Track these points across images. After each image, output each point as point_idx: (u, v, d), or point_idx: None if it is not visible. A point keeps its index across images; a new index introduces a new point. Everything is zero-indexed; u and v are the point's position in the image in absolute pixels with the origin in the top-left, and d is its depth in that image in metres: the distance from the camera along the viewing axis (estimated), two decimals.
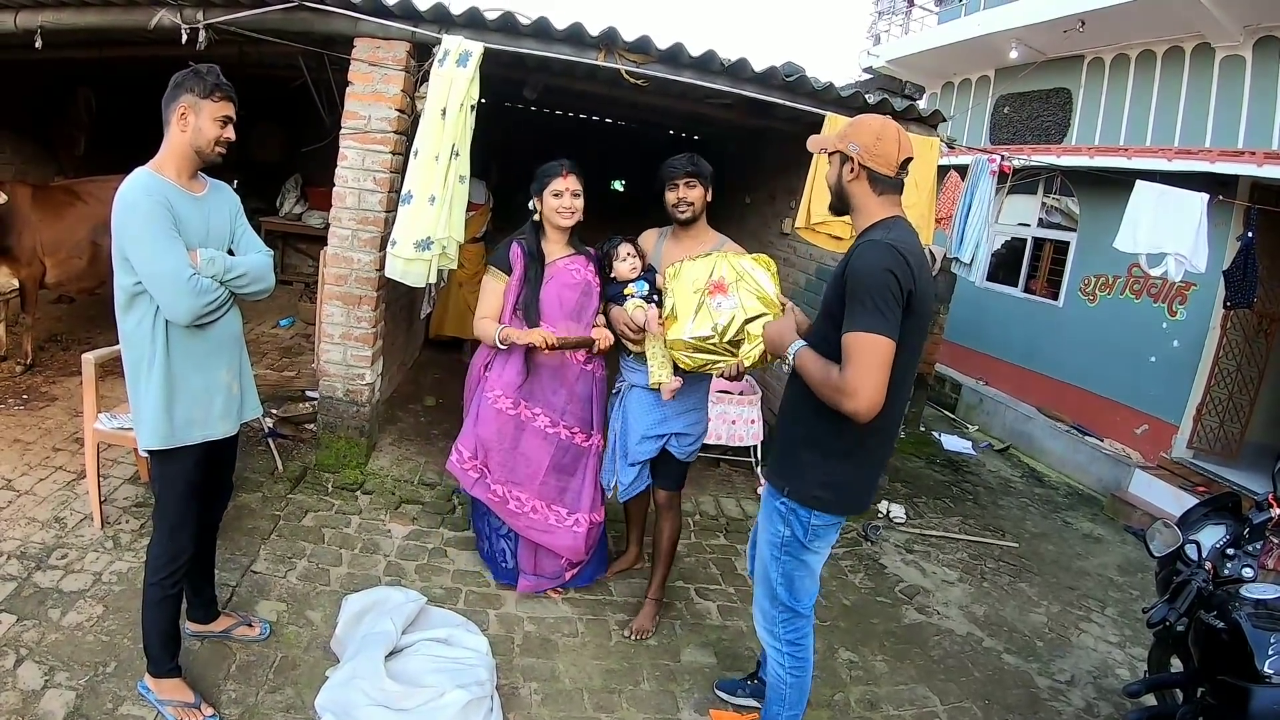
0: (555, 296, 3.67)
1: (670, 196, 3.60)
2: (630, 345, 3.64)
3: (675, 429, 3.70)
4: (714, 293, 3.23)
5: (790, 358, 2.57)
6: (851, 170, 2.55)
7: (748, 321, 3.17)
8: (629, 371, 3.78)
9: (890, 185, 2.57)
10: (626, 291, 3.59)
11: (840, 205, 2.68)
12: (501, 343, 3.56)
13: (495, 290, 3.67)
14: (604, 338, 3.64)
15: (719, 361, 3.27)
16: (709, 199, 3.64)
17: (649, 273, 3.65)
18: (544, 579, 4.01)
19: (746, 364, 3.24)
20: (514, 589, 4.02)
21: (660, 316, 3.44)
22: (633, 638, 3.83)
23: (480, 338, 3.73)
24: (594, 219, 3.88)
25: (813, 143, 2.84)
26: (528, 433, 3.78)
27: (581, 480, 3.90)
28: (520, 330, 3.56)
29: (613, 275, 3.68)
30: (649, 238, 3.85)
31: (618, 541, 4.60)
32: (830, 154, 2.65)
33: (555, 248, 3.73)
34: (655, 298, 3.56)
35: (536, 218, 3.69)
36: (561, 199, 3.59)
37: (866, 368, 2.30)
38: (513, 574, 4.03)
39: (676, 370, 3.50)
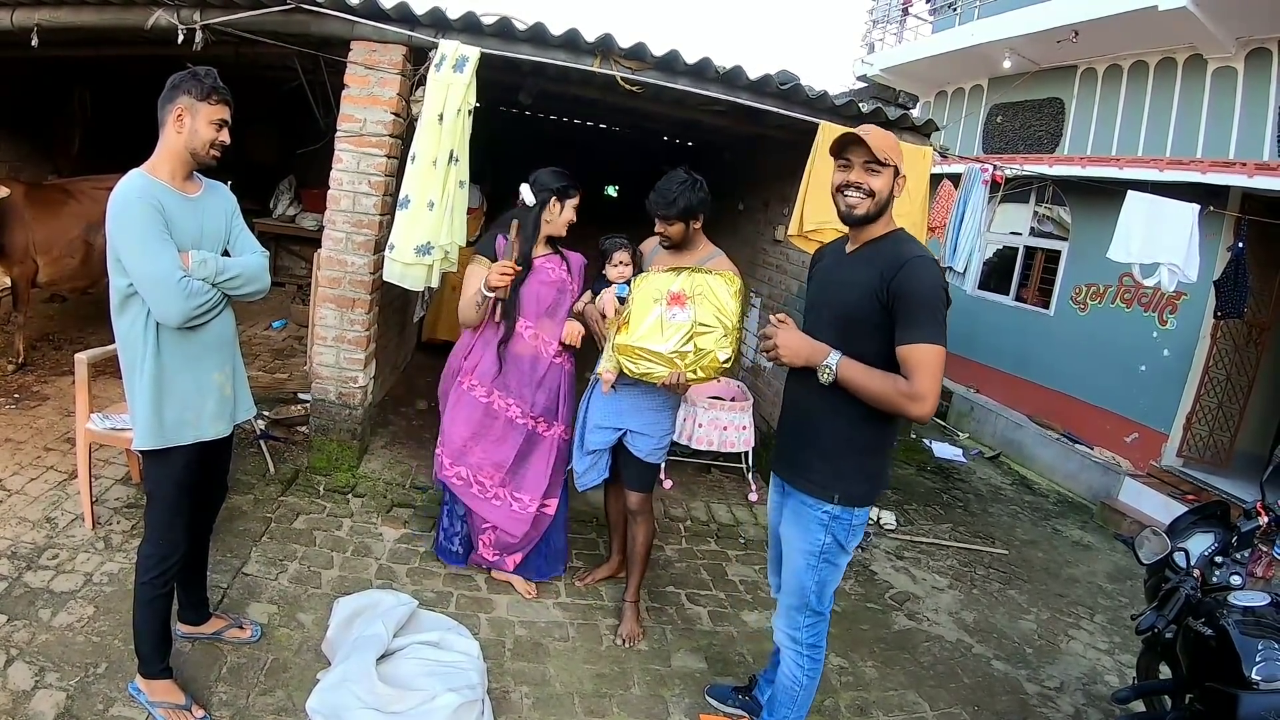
0: (534, 294, 3.76)
1: (655, 224, 3.69)
2: (597, 339, 3.77)
3: (629, 425, 3.76)
4: (671, 304, 3.34)
5: (832, 368, 2.53)
6: (899, 187, 2.63)
7: (698, 335, 3.28)
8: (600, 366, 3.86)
9: None
10: (605, 291, 3.69)
11: (876, 217, 2.64)
12: (487, 288, 3.56)
13: (479, 276, 3.71)
14: (574, 334, 3.80)
15: (661, 371, 3.36)
16: (697, 227, 3.70)
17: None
18: (485, 560, 4.13)
19: (689, 377, 3.36)
20: (461, 567, 4.22)
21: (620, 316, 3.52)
22: (626, 644, 3.83)
23: (463, 318, 3.78)
24: (587, 224, 3.91)
25: (881, 148, 2.56)
26: (499, 421, 3.85)
27: (534, 465, 3.96)
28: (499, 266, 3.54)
29: (604, 273, 3.77)
30: (648, 244, 3.91)
31: (589, 545, 4.60)
32: (888, 166, 2.59)
33: (539, 246, 3.84)
34: None
35: (546, 218, 3.76)
36: (573, 216, 3.78)
37: (934, 376, 2.42)
38: (461, 557, 4.21)
39: (624, 375, 3.57)
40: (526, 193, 3.73)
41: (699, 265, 3.57)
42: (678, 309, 3.32)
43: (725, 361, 3.32)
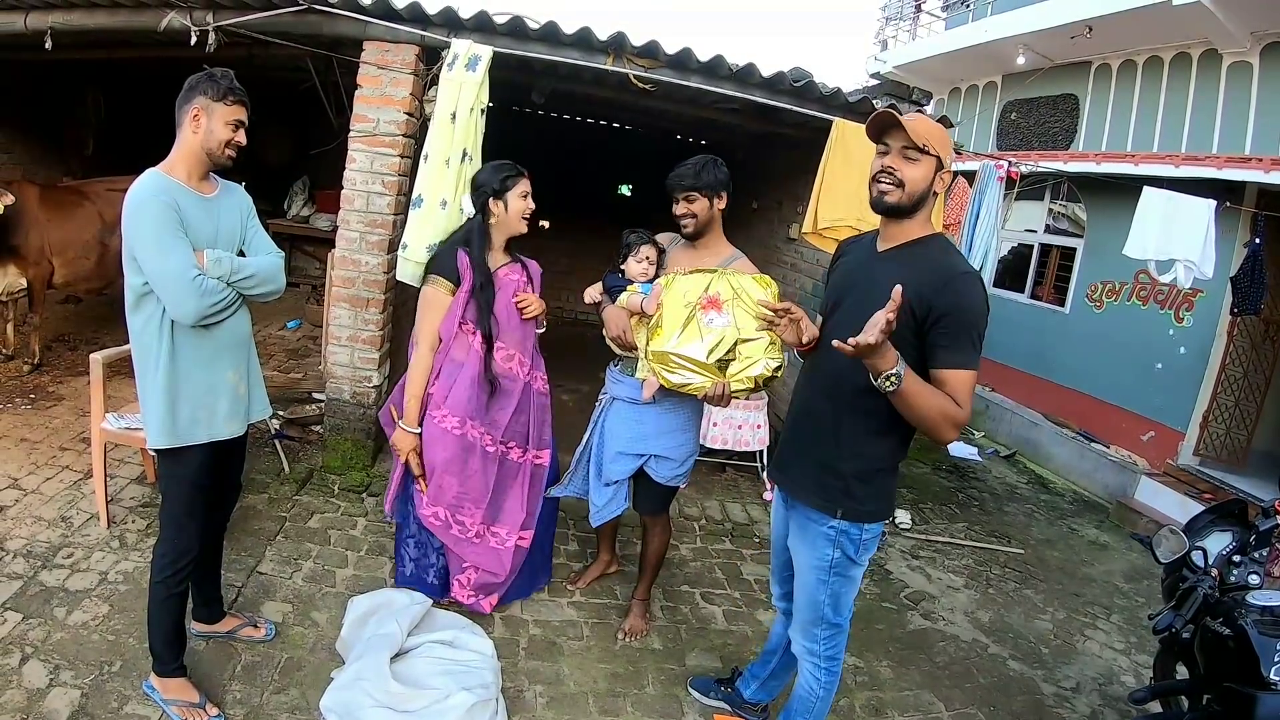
0: (505, 308, 3.47)
1: (675, 208, 3.41)
2: (616, 349, 3.50)
3: (654, 450, 3.52)
4: (707, 308, 3.06)
5: (896, 379, 2.19)
6: (941, 182, 2.43)
7: (742, 342, 3.01)
8: (614, 383, 3.62)
9: None
10: (630, 289, 3.41)
11: (910, 211, 2.44)
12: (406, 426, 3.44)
13: (442, 304, 3.41)
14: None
15: (702, 382, 3.07)
16: (721, 209, 3.41)
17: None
18: (460, 600, 3.72)
19: (735, 388, 3.06)
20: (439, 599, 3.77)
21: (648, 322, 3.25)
22: (626, 639, 3.81)
23: (412, 377, 3.46)
24: (605, 224, 3.85)
25: (917, 131, 2.36)
26: (475, 454, 3.49)
27: (511, 496, 3.67)
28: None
29: (621, 267, 3.52)
30: (662, 238, 3.65)
31: (585, 546, 4.59)
32: (926, 155, 2.38)
33: (497, 256, 3.52)
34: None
35: (492, 221, 3.47)
36: (528, 200, 3.45)
37: (970, 402, 2.29)
38: (438, 589, 3.77)
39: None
40: (467, 203, 3.48)
41: (722, 267, 3.28)
42: (714, 313, 3.04)
43: (777, 370, 3.03)
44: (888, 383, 2.19)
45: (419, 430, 3.44)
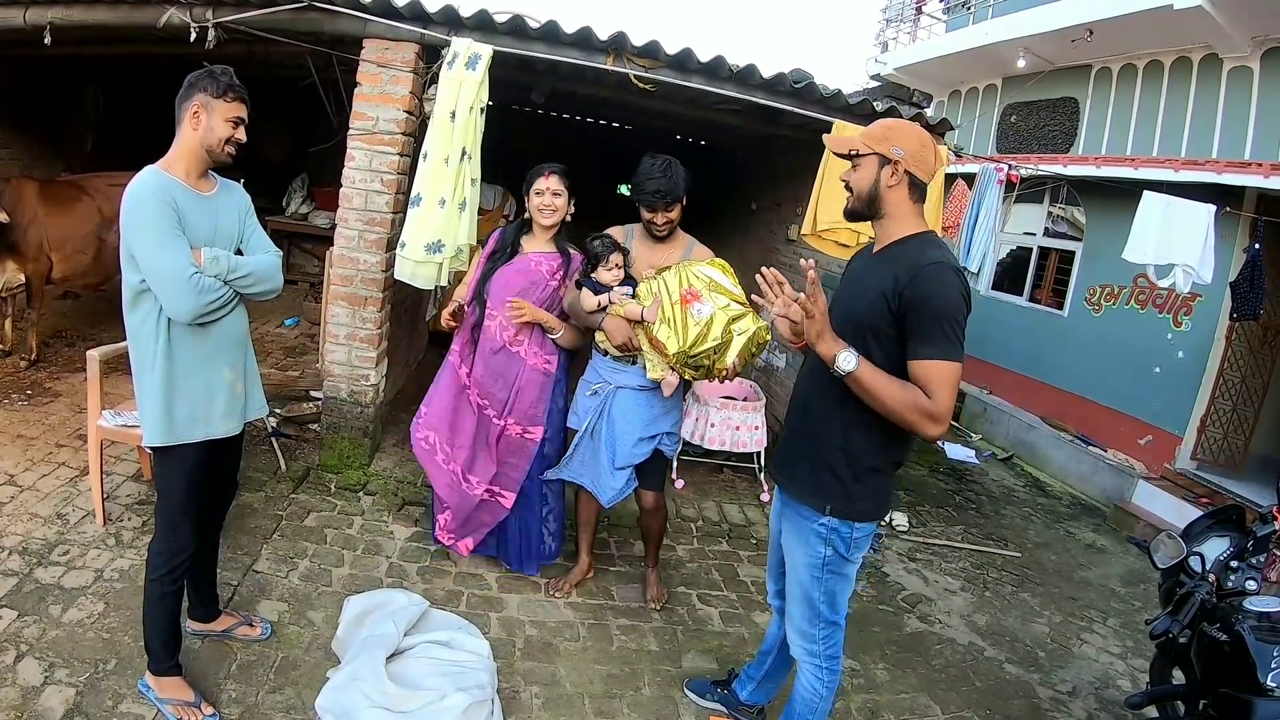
0: (505, 281, 3.87)
1: (648, 215, 3.68)
2: (612, 350, 3.72)
3: (665, 427, 3.83)
4: (689, 301, 3.35)
5: (846, 367, 2.32)
6: (894, 175, 2.44)
7: (733, 320, 3.31)
8: (613, 373, 3.79)
9: (922, 194, 2.52)
10: (620, 296, 3.60)
11: (869, 211, 2.53)
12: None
13: (474, 266, 4.08)
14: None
15: (715, 366, 3.39)
16: (684, 204, 3.69)
17: (630, 282, 3.69)
18: (440, 542, 4.23)
19: (740, 364, 3.39)
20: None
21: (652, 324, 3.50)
22: (655, 606, 4.12)
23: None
24: (603, 225, 3.90)
25: (837, 143, 2.61)
26: (462, 395, 4.01)
27: (482, 452, 4.01)
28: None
29: (592, 275, 3.70)
30: (616, 234, 3.85)
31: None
32: (862, 156, 2.49)
33: (536, 243, 3.95)
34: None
35: (527, 215, 3.94)
36: (542, 198, 3.81)
37: (950, 394, 2.28)
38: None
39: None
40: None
41: (685, 259, 3.66)
42: (698, 304, 3.33)
43: (768, 333, 3.41)
44: (842, 365, 2.33)
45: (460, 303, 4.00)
